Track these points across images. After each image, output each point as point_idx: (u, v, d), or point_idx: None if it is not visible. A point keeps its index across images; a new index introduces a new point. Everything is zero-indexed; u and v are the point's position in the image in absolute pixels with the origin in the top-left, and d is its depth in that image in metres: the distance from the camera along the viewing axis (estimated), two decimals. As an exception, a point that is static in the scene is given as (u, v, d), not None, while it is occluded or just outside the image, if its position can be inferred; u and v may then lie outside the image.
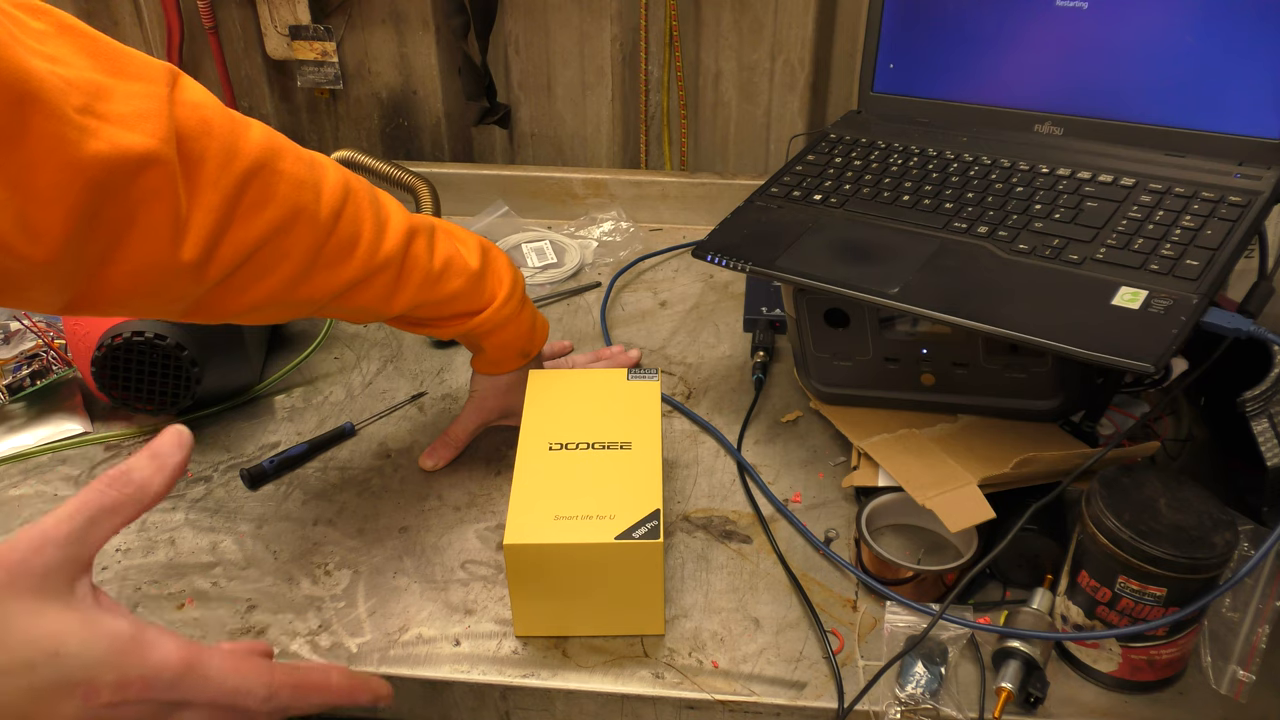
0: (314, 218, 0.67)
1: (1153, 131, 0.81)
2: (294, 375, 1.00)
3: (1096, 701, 0.68)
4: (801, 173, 0.90)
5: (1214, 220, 0.73)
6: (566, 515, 0.69)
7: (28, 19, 0.53)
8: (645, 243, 1.21)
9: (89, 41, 0.55)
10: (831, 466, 0.88)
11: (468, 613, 0.75)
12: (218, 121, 0.61)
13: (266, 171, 0.63)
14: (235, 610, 0.75)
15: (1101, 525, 0.64)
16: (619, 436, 0.76)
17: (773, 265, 0.78)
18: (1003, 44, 0.88)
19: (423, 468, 0.88)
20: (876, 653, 0.71)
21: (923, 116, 0.92)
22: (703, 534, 0.81)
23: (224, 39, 1.28)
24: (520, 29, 1.26)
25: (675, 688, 0.69)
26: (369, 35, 1.27)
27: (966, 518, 0.72)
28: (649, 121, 1.29)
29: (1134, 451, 0.78)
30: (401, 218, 0.74)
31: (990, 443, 0.79)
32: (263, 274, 0.65)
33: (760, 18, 1.21)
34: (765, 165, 1.31)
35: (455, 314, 0.79)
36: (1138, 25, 0.81)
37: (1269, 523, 0.67)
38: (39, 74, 0.49)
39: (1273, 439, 0.69)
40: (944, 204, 0.81)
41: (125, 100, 0.55)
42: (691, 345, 1.04)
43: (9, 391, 0.92)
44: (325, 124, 1.35)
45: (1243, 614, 0.68)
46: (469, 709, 0.72)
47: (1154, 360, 0.62)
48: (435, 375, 1.00)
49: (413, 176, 1.21)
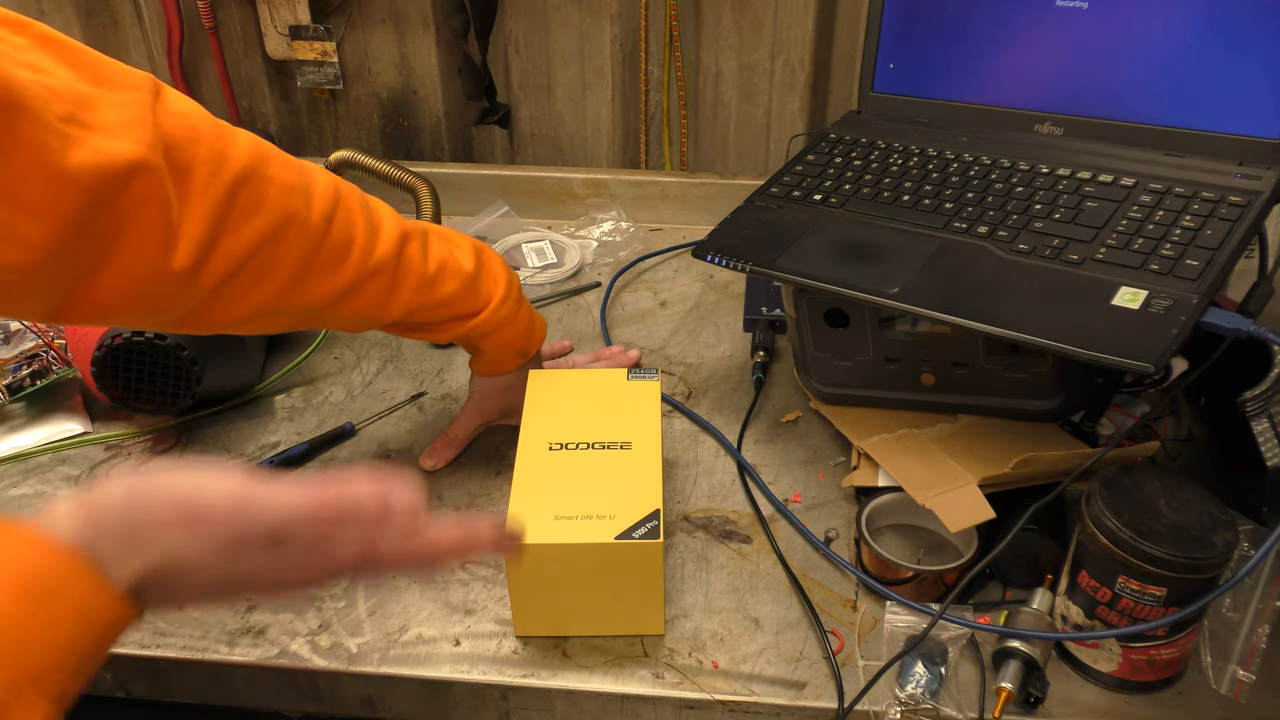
0: (305, 224, 0.66)
1: (1153, 131, 0.81)
2: (294, 375, 1.00)
3: (1096, 701, 0.68)
4: (801, 173, 0.90)
5: (1214, 220, 0.73)
6: (566, 515, 0.69)
7: (7, 33, 0.53)
8: (645, 243, 1.21)
9: (70, 52, 0.55)
10: (831, 466, 0.88)
11: (468, 613, 0.75)
12: (205, 129, 0.60)
13: (256, 178, 0.63)
14: (235, 610, 0.75)
15: (1101, 525, 0.64)
16: (619, 436, 0.76)
17: (773, 265, 0.78)
18: (1003, 44, 0.88)
19: (423, 468, 0.88)
20: (876, 653, 0.71)
21: (923, 116, 0.92)
22: (703, 534, 0.81)
23: (224, 39, 1.28)
24: (520, 29, 1.26)
25: (675, 688, 0.69)
26: (369, 35, 1.27)
27: (966, 518, 0.72)
28: (649, 121, 1.29)
29: (1134, 451, 0.78)
30: (394, 222, 0.74)
31: (990, 443, 0.79)
32: (256, 282, 0.65)
33: (760, 18, 1.21)
34: (765, 165, 1.31)
35: (452, 317, 0.79)
36: (1138, 25, 0.81)
37: (1269, 523, 0.67)
38: (22, 83, 0.49)
39: (1273, 439, 0.69)
40: (944, 204, 0.81)
41: (110, 109, 0.54)
42: (691, 345, 1.04)
43: (9, 391, 0.92)
44: (325, 124, 1.35)
45: (1243, 614, 0.68)
46: (469, 709, 0.72)
47: (1154, 360, 0.62)
48: (435, 375, 1.00)
49: (413, 176, 1.21)
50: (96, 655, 0.46)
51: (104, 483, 0.48)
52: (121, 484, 0.47)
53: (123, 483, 0.47)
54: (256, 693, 0.74)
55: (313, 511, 0.49)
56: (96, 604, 0.45)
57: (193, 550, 0.47)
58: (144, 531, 0.47)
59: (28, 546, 0.44)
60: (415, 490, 0.51)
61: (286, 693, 0.73)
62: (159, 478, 0.48)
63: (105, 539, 0.46)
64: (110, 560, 0.45)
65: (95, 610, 0.45)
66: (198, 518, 0.47)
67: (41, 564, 0.44)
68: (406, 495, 0.51)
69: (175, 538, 0.47)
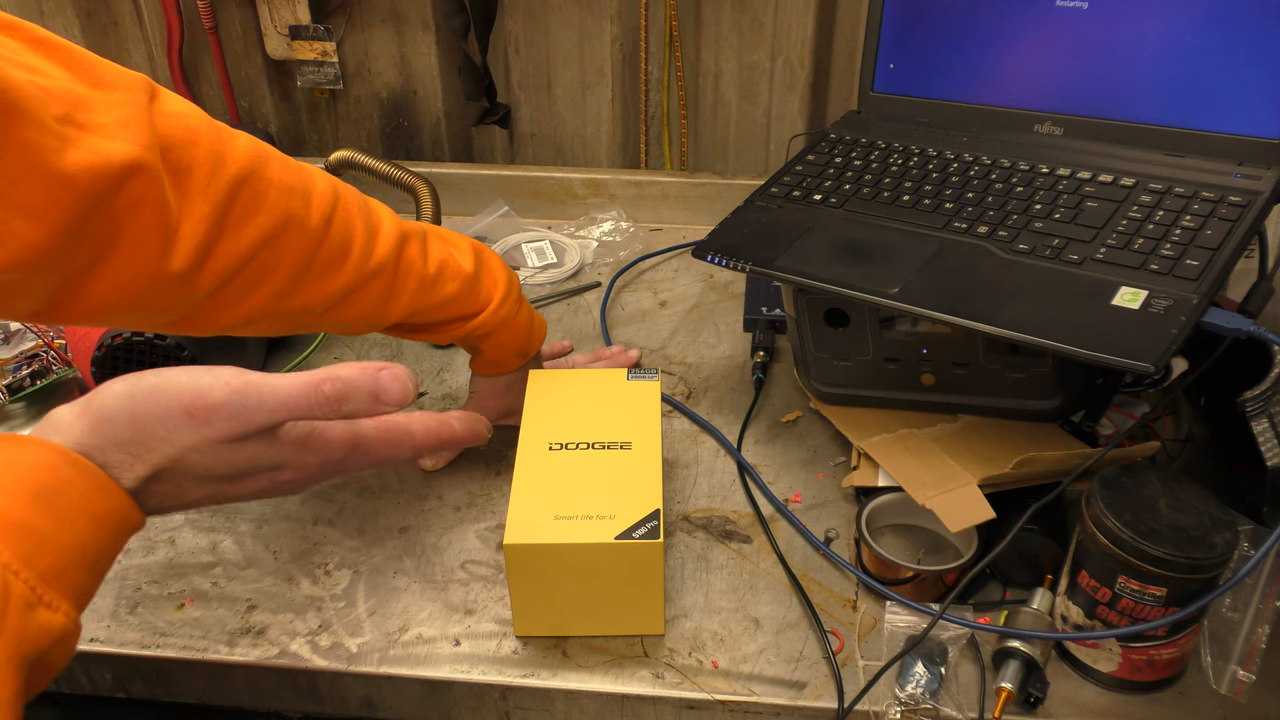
0: (304, 225, 0.66)
1: (1153, 131, 0.81)
2: (294, 375, 1.00)
3: (1096, 701, 0.68)
4: (801, 173, 0.90)
5: (1214, 220, 0.73)
6: (566, 515, 0.69)
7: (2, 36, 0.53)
8: (645, 243, 1.21)
9: (65, 53, 0.55)
10: (831, 466, 0.88)
11: (468, 613, 0.75)
12: (203, 130, 0.60)
13: (255, 179, 0.63)
14: (235, 610, 0.75)
15: (1101, 525, 0.64)
16: (619, 436, 0.76)
17: (773, 265, 0.78)
18: (1003, 44, 0.88)
19: (423, 468, 0.88)
20: (876, 653, 0.71)
21: (923, 116, 0.92)
22: (703, 534, 0.81)
23: (224, 39, 1.28)
24: (520, 29, 1.26)
25: (675, 688, 0.69)
26: (369, 35, 1.27)
27: (966, 518, 0.72)
28: (649, 121, 1.29)
29: (1134, 451, 0.78)
30: (393, 223, 0.74)
31: (990, 443, 0.79)
32: (255, 284, 0.65)
33: (760, 18, 1.21)
34: (765, 165, 1.31)
35: (452, 318, 0.79)
36: (1138, 25, 0.81)
37: (1269, 523, 0.67)
38: (18, 84, 0.49)
39: (1273, 439, 0.69)
40: (944, 204, 0.81)
41: (105, 110, 0.54)
42: (691, 345, 1.04)
43: (9, 391, 0.92)
44: (325, 124, 1.35)
45: (1243, 614, 0.68)
46: (469, 709, 0.72)
47: (1154, 360, 0.62)
48: (435, 375, 1.00)
49: (413, 176, 1.21)
50: (108, 558, 0.48)
51: (105, 388, 0.50)
52: (123, 387, 0.49)
53: (123, 387, 0.50)
54: (256, 693, 0.74)
55: (309, 395, 0.51)
56: (107, 506, 0.47)
57: (197, 444, 0.50)
58: (149, 432, 0.49)
59: (39, 454, 0.46)
60: (404, 380, 0.54)
61: (286, 693, 0.73)
62: (159, 377, 0.50)
63: (109, 446, 0.48)
64: (116, 465, 0.48)
65: (106, 512, 0.47)
66: (200, 412, 0.49)
67: (53, 470, 0.46)
68: (396, 383, 0.54)
69: (180, 435, 0.49)
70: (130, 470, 0.49)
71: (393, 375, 0.54)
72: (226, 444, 0.50)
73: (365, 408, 0.53)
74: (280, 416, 0.51)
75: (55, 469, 0.46)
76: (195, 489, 0.52)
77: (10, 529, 0.43)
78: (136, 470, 0.49)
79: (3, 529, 0.43)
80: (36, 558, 0.43)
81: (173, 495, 0.51)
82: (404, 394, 0.54)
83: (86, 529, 0.46)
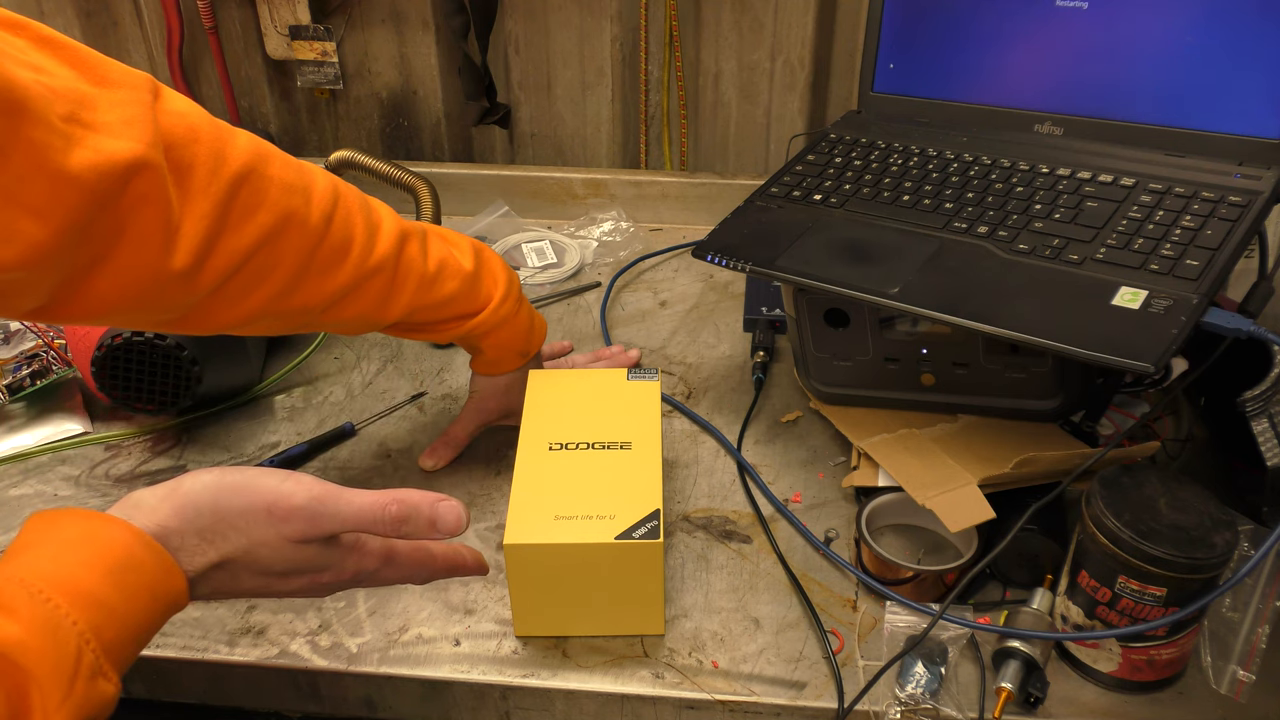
0: (305, 223, 0.66)
1: (1153, 131, 0.81)
2: (294, 375, 1.00)
3: (1096, 701, 0.68)
4: (801, 173, 0.90)
5: (1214, 220, 0.73)
6: (566, 515, 0.69)
7: (7, 35, 0.53)
8: (645, 243, 1.21)
9: (69, 52, 0.55)
10: (831, 466, 0.88)
11: (468, 613, 0.75)
12: (205, 129, 0.60)
13: (256, 177, 0.63)
14: (235, 610, 0.75)
15: (1101, 525, 0.64)
16: (619, 436, 0.76)
17: (773, 265, 0.78)
18: (1003, 44, 0.88)
19: (423, 468, 0.88)
20: (876, 653, 0.71)
21: (923, 116, 0.92)
22: (703, 534, 0.81)
23: (224, 39, 1.28)
24: (520, 29, 1.26)
25: (675, 688, 0.69)
26: (369, 35, 1.27)
27: (966, 518, 0.72)
28: (649, 121, 1.29)
29: (1134, 451, 0.78)
30: (393, 222, 0.74)
31: (990, 443, 0.79)
32: (255, 282, 0.65)
33: (760, 18, 1.21)
34: (765, 165, 1.31)
35: (452, 317, 0.79)
36: (1138, 25, 0.81)
37: (1269, 523, 0.67)
38: (24, 83, 0.49)
39: (1273, 439, 0.69)
40: (944, 204, 0.81)
41: (109, 108, 0.54)
42: (691, 345, 1.04)
43: (9, 391, 0.92)
44: (325, 124, 1.35)
45: (1243, 614, 0.68)
46: (469, 709, 0.72)
47: (1154, 360, 0.62)
48: (435, 375, 1.00)
49: (413, 176, 1.21)
50: (151, 634, 0.51)
51: (192, 476, 0.54)
52: (210, 479, 0.54)
53: (211, 478, 0.54)
54: (256, 693, 0.74)
55: (377, 513, 0.56)
56: (166, 587, 0.50)
57: (269, 539, 0.54)
58: (229, 523, 0.53)
59: (116, 531, 0.49)
60: (459, 513, 0.58)
61: (286, 693, 0.73)
62: (244, 475, 0.55)
63: (188, 532, 0.52)
64: (189, 549, 0.52)
65: (165, 593, 0.50)
66: (281, 511, 0.54)
67: (127, 549, 0.49)
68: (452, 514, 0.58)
69: (256, 529, 0.53)
70: (201, 556, 0.52)
71: (450, 507, 0.58)
72: (294, 543, 0.55)
73: (422, 532, 0.58)
74: (349, 527, 0.56)
75: (129, 547, 0.49)
76: (249, 580, 0.55)
77: (87, 600, 0.46)
78: (207, 556, 0.52)
79: (81, 599, 0.46)
80: (104, 629, 0.46)
81: (227, 583, 0.54)
82: (457, 525, 0.58)
83: (146, 606, 0.49)
